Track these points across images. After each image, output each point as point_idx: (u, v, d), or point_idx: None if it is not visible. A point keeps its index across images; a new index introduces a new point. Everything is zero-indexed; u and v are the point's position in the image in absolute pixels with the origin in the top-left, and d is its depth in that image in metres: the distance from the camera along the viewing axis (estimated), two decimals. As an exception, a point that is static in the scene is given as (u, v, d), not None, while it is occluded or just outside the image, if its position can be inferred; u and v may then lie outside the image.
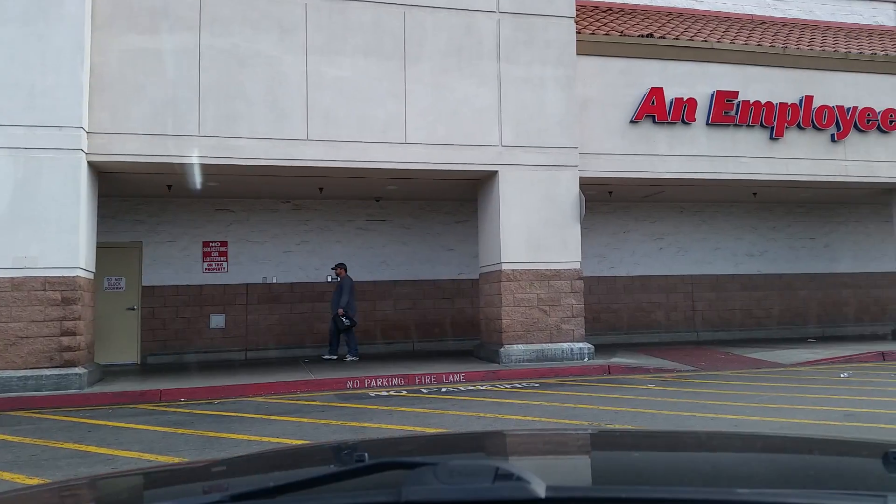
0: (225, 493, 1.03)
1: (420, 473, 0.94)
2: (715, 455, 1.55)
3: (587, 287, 14.12)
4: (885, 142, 12.82)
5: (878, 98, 12.79)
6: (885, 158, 12.80)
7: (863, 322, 15.56)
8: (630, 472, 1.38)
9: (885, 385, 8.38)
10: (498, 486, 0.89)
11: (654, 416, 6.70)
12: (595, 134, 11.61)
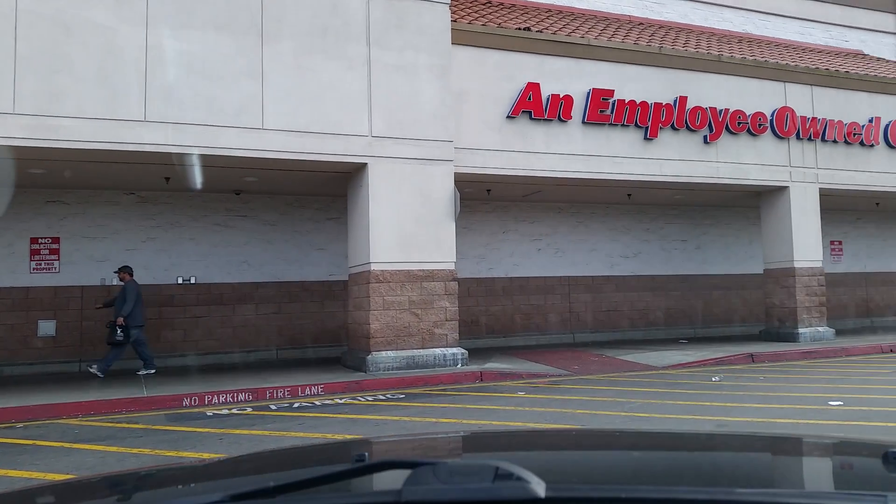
0: (225, 493, 1.01)
1: (420, 473, 0.94)
2: (715, 455, 1.55)
3: (466, 289, 13.59)
4: (755, 144, 13.07)
5: (748, 101, 13.03)
6: (754, 161, 13.05)
7: (732, 323, 15.97)
8: (630, 471, 1.39)
9: (755, 389, 8.25)
10: (498, 486, 0.89)
11: (520, 429, 6.08)
12: (471, 128, 11.04)
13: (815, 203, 13.49)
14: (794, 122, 13.27)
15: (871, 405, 6.81)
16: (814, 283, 13.29)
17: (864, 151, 14.01)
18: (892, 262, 18.21)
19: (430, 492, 0.90)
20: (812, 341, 12.86)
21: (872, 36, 18.62)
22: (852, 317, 17.41)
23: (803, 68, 13.75)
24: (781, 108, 13.21)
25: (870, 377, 9.03)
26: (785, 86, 13.39)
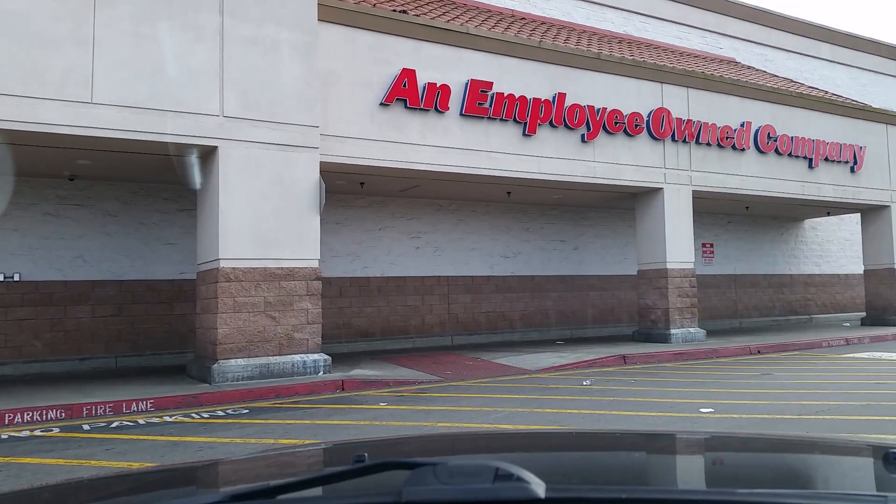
0: (225, 493, 1.02)
1: (420, 474, 0.94)
2: (715, 455, 1.56)
3: (338, 289, 12.69)
4: (631, 145, 12.99)
5: (626, 101, 12.93)
6: (630, 162, 12.96)
7: (607, 323, 15.97)
8: (630, 471, 1.40)
9: (626, 394, 7.90)
10: (498, 487, 0.89)
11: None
12: (341, 114, 10.19)
13: (689, 205, 13.61)
14: (670, 124, 13.32)
15: (741, 412, 6.56)
16: (686, 285, 13.39)
17: (736, 155, 14.31)
18: (759, 265, 18.96)
19: (430, 492, 0.90)
20: (684, 342, 12.94)
21: (745, 45, 19.34)
22: (722, 318, 17.94)
23: (680, 70, 13.86)
24: (658, 109, 13.22)
25: (739, 381, 8.94)
26: (662, 87, 13.42)
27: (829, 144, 15.66)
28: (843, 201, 16.20)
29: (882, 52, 22.49)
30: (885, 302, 17.07)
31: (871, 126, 16.76)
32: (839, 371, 9.66)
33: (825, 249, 20.38)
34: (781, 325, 18.59)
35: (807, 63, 20.50)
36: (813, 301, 19.91)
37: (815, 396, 7.40)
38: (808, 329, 16.72)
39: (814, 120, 15.62)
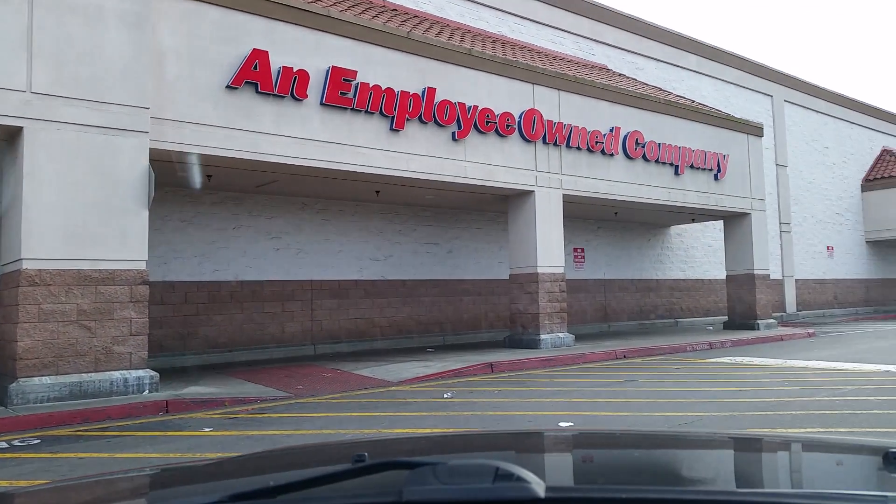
0: (225, 493, 1.02)
1: (420, 473, 0.94)
2: (715, 455, 1.56)
3: (182, 295, 11.43)
4: (503, 146, 12.58)
5: (498, 100, 12.51)
6: (501, 163, 12.54)
7: (482, 330, 15.54)
8: (630, 471, 1.39)
9: (486, 407, 7.31)
10: (498, 487, 0.90)
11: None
12: (179, 96, 9.03)
13: (559, 209, 13.39)
14: (542, 126, 13.04)
15: (602, 425, 6.10)
16: (556, 289, 13.14)
17: (605, 160, 14.27)
18: (628, 270, 19.25)
19: (430, 492, 0.90)
20: (553, 347, 12.65)
21: (617, 53, 19.62)
22: (592, 322, 18.02)
23: (551, 72, 13.64)
24: (529, 110, 12.91)
25: (603, 389, 8.61)
26: (533, 88, 13.13)
27: (695, 152, 16.04)
28: (706, 208, 16.66)
29: (744, 67, 23.67)
30: (746, 306, 17.74)
31: (734, 136, 17.39)
32: (702, 377, 9.59)
33: (690, 255, 21.07)
34: (649, 328, 18.96)
35: (675, 73, 21.16)
36: (678, 305, 20.51)
37: (679, 406, 7.11)
38: (673, 333, 17.06)
39: (680, 127, 15.95)
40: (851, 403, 6.94)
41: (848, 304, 27.72)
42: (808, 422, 6.13)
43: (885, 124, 31.39)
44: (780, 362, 10.98)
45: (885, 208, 28.36)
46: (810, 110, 26.74)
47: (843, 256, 27.73)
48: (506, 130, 12.54)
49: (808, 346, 13.98)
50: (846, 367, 10.07)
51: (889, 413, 6.45)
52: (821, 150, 27.17)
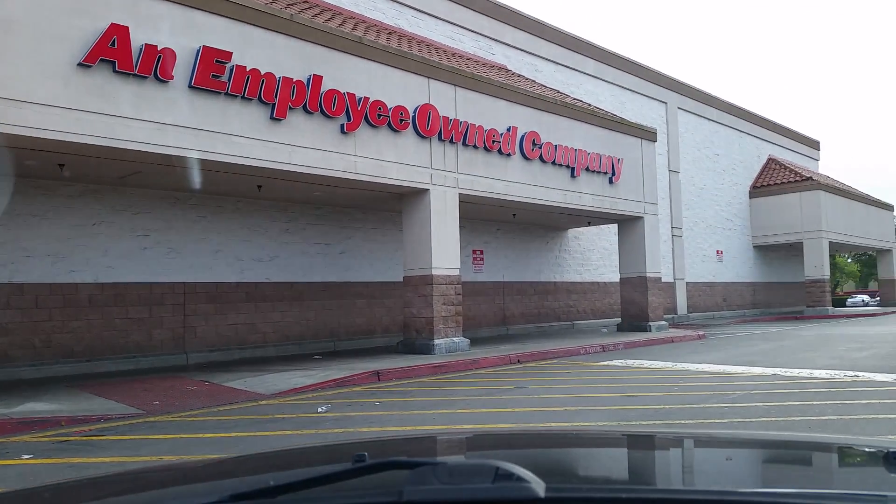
0: (225, 493, 1.02)
1: (420, 473, 0.94)
2: (715, 455, 1.57)
3: (33, 299, 10.20)
4: (396, 142, 11.96)
5: (391, 93, 11.88)
6: (394, 159, 11.92)
7: (376, 335, 14.85)
8: (630, 471, 1.41)
9: (363, 422, 6.66)
10: (498, 486, 0.90)
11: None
12: (20, 73, 7.88)
13: (455, 208, 12.91)
14: (437, 122, 12.52)
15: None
16: (451, 292, 12.64)
17: (503, 160, 13.93)
18: (526, 273, 19.08)
19: (430, 492, 0.90)
20: (447, 353, 12.14)
21: (516, 53, 19.44)
22: (490, 325, 17.70)
23: (448, 67, 13.16)
24: (424, 105, 12.36)
25: (491, 397, 8.14)
26: (429, 82, 12.59)
27: (591, 155, 16.00)
28: (602, 211, 16.67)
29: (640, 74, 24.17)
30: (638, 308, 17.91)
31: (628, 140, 17.53)
32: (593, 382, 9.30)
33: (586, 258, 21.20)
34: (546, 331, 18.85)
35: (573, 77, 21.26)
36: (575, 308, 20.57)
37: (565, 415, 6.70)
38: (569, 335, 16.98)
39: (577, 130, 15.86)
40: (741, 410, 6.74)
41: (736, 306, 28.91)
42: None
43: (772, 134, 33.09)
44: (671, 365, 10.91)
45: (770, 214, 29.81)
46: (702, 118, 27.70)
47: (731, 260, 28.89)
48: (399, 125, 11.93)
49: (699, 348, 14.14)
50: (735, 371, 10.07)
51: (778, 420, 6.27)
52: (712, 156, 28.21)
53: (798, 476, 1.36)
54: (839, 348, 13.24)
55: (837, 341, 15.00)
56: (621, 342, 14.51)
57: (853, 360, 10.90)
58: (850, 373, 9.33)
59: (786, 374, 9.55)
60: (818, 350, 12.99)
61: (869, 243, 33.72)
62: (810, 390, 8.02)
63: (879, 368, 9.73)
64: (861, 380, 8.72)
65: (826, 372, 9.52)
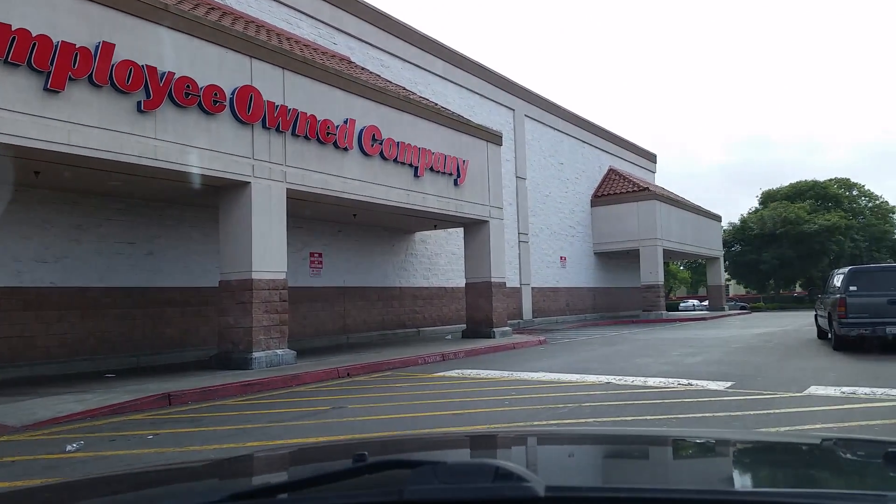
0: (225, 493, 1.01)
1: (421, 473, 0.94)
2: (715, 455, 1.57)
3: None
4: (209, 126, 10.47)
5: (204, 70, 10.39)
6: (208, 146, 10.42)
7: (189, 347, 13.11)
8: (630, 471, 1.42)
9: (118, 462, 5.24)
10: (498, 486, 0.90)
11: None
12: None
13: (282, 205, 11.60)
14: (261, 107, 11.17)
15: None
16: (275, 299, 11.30)
17: (339, 155, 12.79)
18: (370, 277, 18.03)
19: (431, 491, 0.90)
20: (268, 367, 10.79)
21: (361, 46, 18.38)
22: (330, 333, 16.45)
23: (276, 47, 11.83)
24: (245, 86, 10.97)
25: (299, 422, 6.98)
26: (252, 62, 11.21)
27: (435, 155, 15.27)
28: (447, 213, 15.99)
29: (489, 78, 23.95)
30: (484, 314, 17.42)
31: (474, 141, 17.01)
32: (420, 397, 8.38)
33: (434, 262, 20.52)
34: (390, 339, 17.90)
35: (422, 76, 20.54)
36: (421, 314, 19.80)
37: (377, 444, 5.67)
38: (412, 344, 16.12)
39: (421, 128, 15.07)
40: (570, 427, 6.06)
41: (578, 310, 29.59)
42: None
43: (613, 146, 34.42)
44: (507, 374, 10.28)
45: (609, 223, 30.86)
46: (548, 127, 28.11)
47: (574, 266, 29.55)
48: (213, 107, 10.46)
49: (538, 354, 13.75)
50: (570, 380, 9.58)
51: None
52: (557, 165, 28.71)
53: (798, 476, 1.35)
54: (673, 353, 13.34)
55: (671, 346, 15.25)
56: (463, 350, 13.82)
57: (686, 367, 10.83)
58: (684, 381, 9.11)
59: (620, 382, 9.18)
60: (653, 355, 12.99)
61: (699, 251, 35.99)
62: (644, 402, 7.58)
63: (712, 375, 9.63)
64: (694, 388, 8.47)
65: (660, 380, 9.25)
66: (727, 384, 8.72)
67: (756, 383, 8.73)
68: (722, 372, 10.00)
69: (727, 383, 8.78)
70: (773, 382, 8.78)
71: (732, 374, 9.68)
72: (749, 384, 8.66)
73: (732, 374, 9.79)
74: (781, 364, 11.03)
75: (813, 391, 7.92)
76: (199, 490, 1.31)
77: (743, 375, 9.58)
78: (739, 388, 8.39)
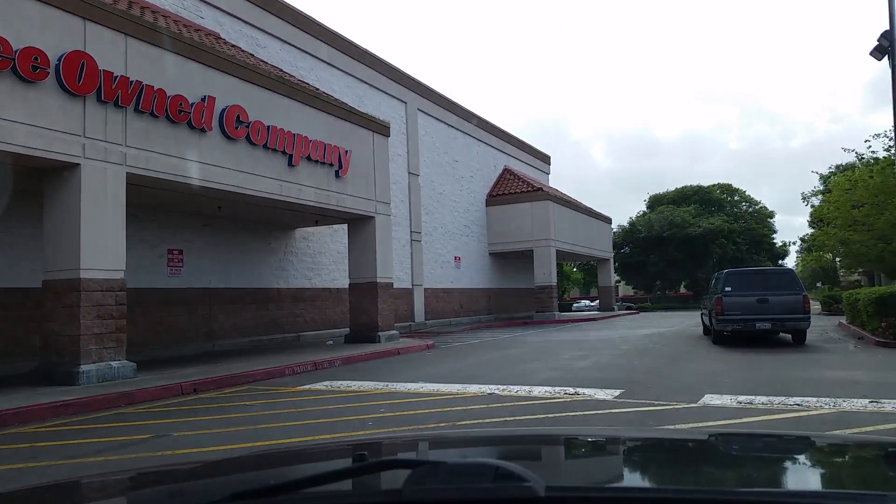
0: (225, 493, 1.02)
1: (421, 473, 0.94)
2: (715, 455, 1.57)
3: None
4: (26, 95, 8.73)
5: (20, 30, 8.68)
6: (24, 119, 8.68)
7: (16, 359, 11.10)
8: (630, 471, 1.41)
9: None
10: (498, 486, 0.90)
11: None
12: None
13: (121, 191, 9.95)
14: (95, 77, 9.50)
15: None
16: (110, 302, 9.64)
17: (195, 137, 11.24)
18: (243, 278, 16.42)
19: (430, 491, 0.91)
20: (99, 382, 9.14)
21: (232, 22, 16.72)
22: (193, 341, 14.73)
23: (118, 10, 10.16)
24: (76, 52, 9.29)
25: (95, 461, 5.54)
26: (85, 24, 9.53)
27: (313, 142, 13.93)
28: (327, 207, 14.67)
29: (379, 68, 22.73)
30: (368, 318, 16.23)
31: (358, 131, 15.78)
32: (272, 418, 7.10)
33: (317, 262, 19.09)
34: (265, 345, 16.35)
35: (304, 60, 19.05)
36: (303, 317, 18.32)
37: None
38: (289, 350, 14.69)
39: (297, 113, 13.70)
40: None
41: (472, 312, 28.91)
42: None
43: (508, 146, 34.06)
44: (382, 386, 9.16)
45: (504, 223, 30.41)
46: (443, 123, 27.24)
47: (469, 267, 28.85)
48: (32, 73, 8.73)
49: (423, 361, 12.72)
50: (451, 391, 8.59)
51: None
52: (451, 162, 27.90)
53: (798, 476, 1.34)
54: (563, 357, 12.67)
55: (561, 348, 14.64)
56: (340, 357, 12.57)
57: (575, 373, 10.11)
58: (571, 389, 8.31)
59: (504, 393, 8.27)
60: (542, 359, 12.26)
61: (591, 253, 36.30)
62: (527, 417, 6.69)
63: (601, 382, 8.90)
64: (581, 399, 7.66)
65: (546, 389, 8.41)
66: (616, 392, 7.99)
67: (647, 392, 8.05)
68: (611, 378, 9.32)
69: (616, 391, 8.06)
70: (664, 391, 8.13)
71: (622, 381, 9.01)
72: (639, 393, 7.97)
73: (622, 380, 9.12)
74: (671, 368, 10.52)
75: (708, 401, 7.28)
76: (199, 490, 1.33)
77: (632, 382, 8.92)
78: (629, 397, 7.67)
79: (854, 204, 27.72)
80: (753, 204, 59.72)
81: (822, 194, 40.98)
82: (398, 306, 22.72)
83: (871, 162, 27.56)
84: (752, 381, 8.83)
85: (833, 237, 28.65)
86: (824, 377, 8.86)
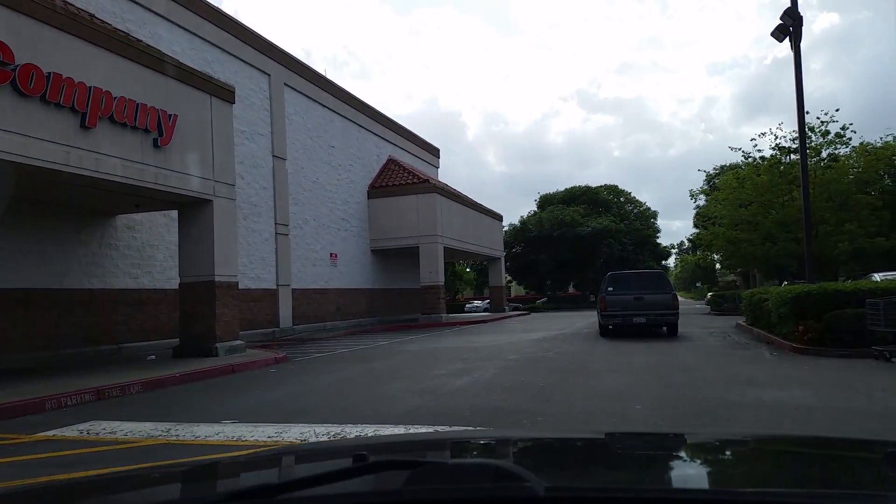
0: (225, 493, 1.05)
1: (421, 473, 0.96)
2: (715, 455, 1.55)
3: None
4: None
5: None
6: None
7: None
8: (629, 471, 1.39)
9: None
10: (498, 486, 0.90)
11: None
12: None
13: None
14: None
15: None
16: None
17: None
18: (38, 276, 12.88)
19: (430, 491, 0.91)
20: None
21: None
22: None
23: None
24: None
25: None
26: None
27: (119, 100, 10.75)
28: (141, 185, 11.47)
29: (235, 31, 19.48)
30: (204, 326, 13.14)
31: (190, 92, 12.67)
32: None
33: (148, 256, 15.70)
34: (68, 360, 12.89)
35: (135, 12, 15.65)
36: (127, 325, 14.91)
37: None
38: (92, 368, 11.37)
39: (96, 60, 10.49)
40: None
41: (352, 315, 26.11)
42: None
43: (394, 135, 31.49)
44: (164, 433, 6.29)
45: (388, 217, 27.82)
46: (317, 103, 24.25)
47: (347, 265, 26.02)
48: None
49: (256, 383, 9.86)
50: (257, 440, 5.88)
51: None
52: (327, 148, 24.95)
53: (798, 476, 1.34)
54: (437, 372, 10.23)
55: (439, 360, 12.21)
56: (143, 380, 9.50)
57: (445, 398, 7.65)
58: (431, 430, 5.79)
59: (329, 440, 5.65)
60: (411, 377, 9.76)
61: (482, 251, 34.39)
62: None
63: (475, 412, 6.50)
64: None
65: (400, 430, 5.87)
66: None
67: (537, 428, 5.69)
68: (489, 406, 6.93)
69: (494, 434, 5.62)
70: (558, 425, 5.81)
71: (501, 411, 6.67)
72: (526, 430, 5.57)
73: (502, 409, 6.79)
74: (566, 386, 8.29)
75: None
76: (199, 490, 1.32)
77: (516, 412, 6.59)
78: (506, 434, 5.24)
79: (741, 203, 27.34)
80: (639, 205, 60.41)
81: (708, 193, 41.25)
82: (257, 310, 19.60)
83: (759, 161, 26.96)
84: (671, 407, 6.71)
85: (721, 237, 28.12)
86: (762, 400, 6.84)
